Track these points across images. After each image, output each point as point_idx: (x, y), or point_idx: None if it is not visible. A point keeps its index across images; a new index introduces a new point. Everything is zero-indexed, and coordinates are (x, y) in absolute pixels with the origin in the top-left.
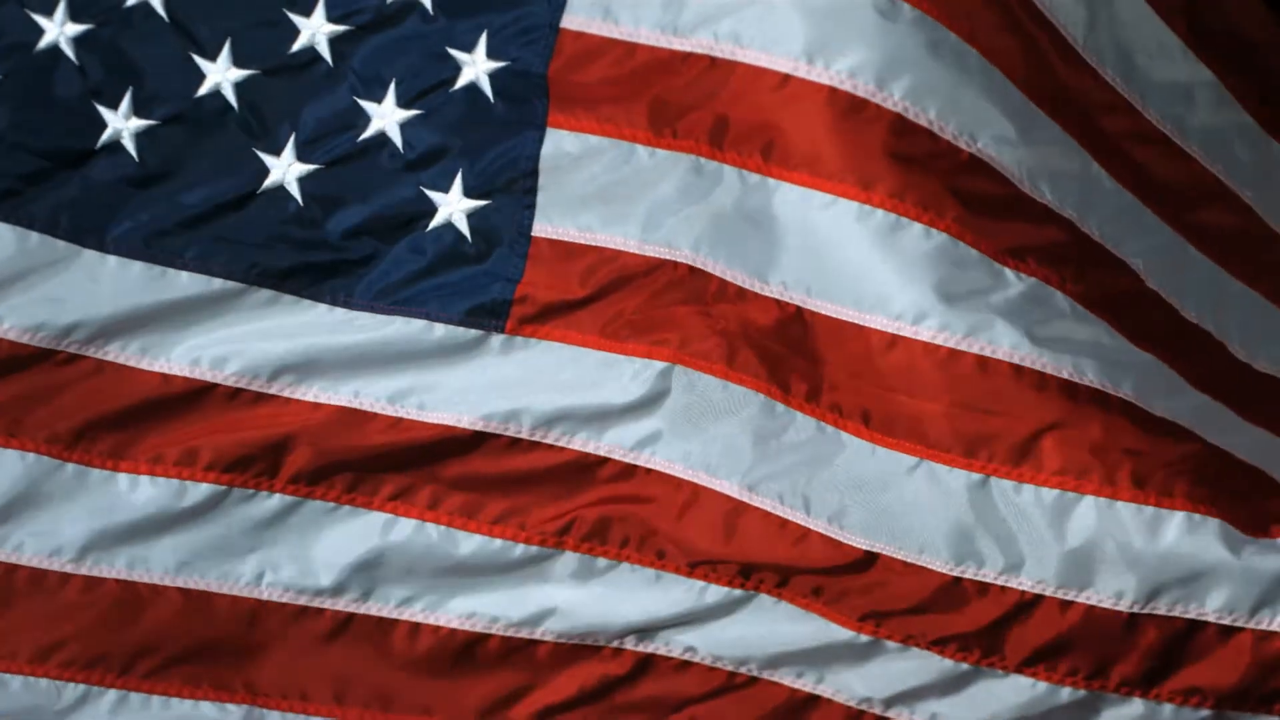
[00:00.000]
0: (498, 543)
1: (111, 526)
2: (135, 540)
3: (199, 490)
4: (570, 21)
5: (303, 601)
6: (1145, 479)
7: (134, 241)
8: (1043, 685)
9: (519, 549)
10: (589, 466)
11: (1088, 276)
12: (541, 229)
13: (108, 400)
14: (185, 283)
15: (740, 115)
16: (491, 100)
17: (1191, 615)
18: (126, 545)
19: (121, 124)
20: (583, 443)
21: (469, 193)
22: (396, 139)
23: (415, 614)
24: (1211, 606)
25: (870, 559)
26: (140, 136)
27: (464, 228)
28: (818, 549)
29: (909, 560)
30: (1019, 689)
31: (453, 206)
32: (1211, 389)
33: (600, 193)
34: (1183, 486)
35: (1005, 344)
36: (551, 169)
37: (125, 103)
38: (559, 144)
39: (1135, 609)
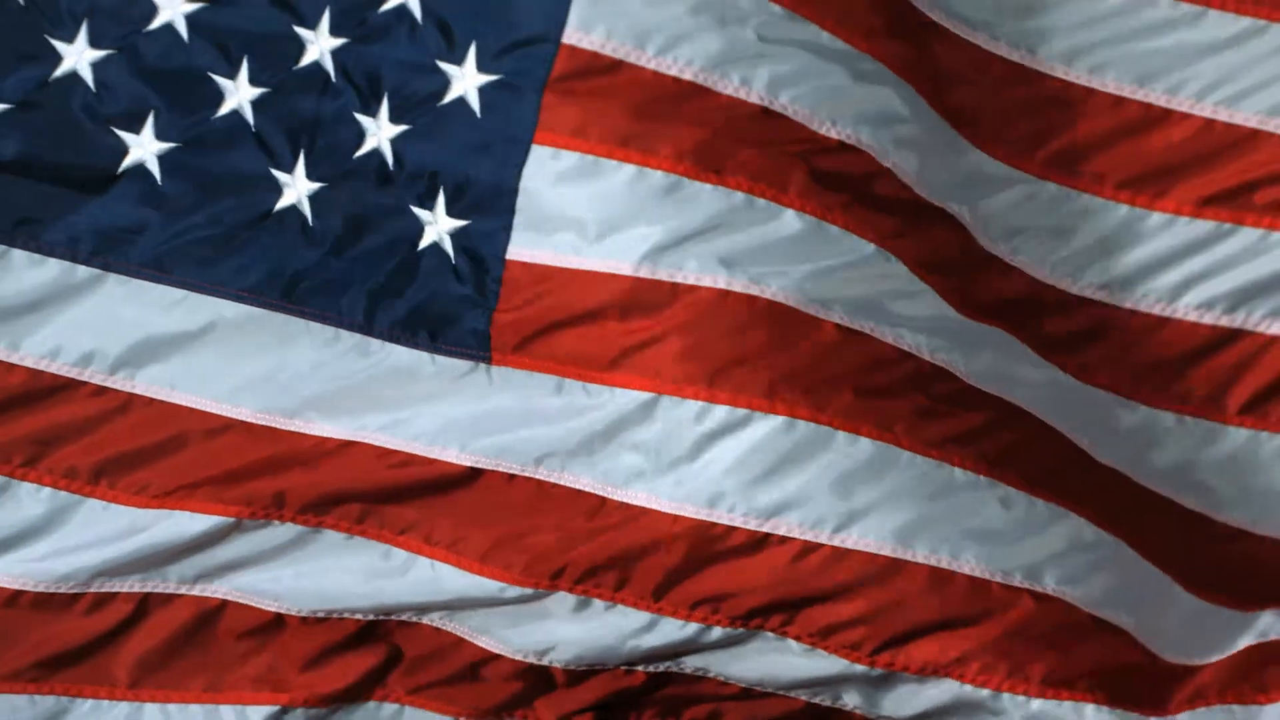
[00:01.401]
0: (493, 583)
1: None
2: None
3: (207, 520)
4: (570, 37)
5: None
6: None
7: (155, 264)
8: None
9: (513, 590)
10: (584, 501)
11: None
12: (517, 252)
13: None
14: (205, 308)
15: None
16: (478, 115)
17: None
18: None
19: (145, 148)
20: (574, 478)
21: (451, 212)
22: (388, 155)
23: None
24: None
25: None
26: (163, 160)
27: (449, 249)
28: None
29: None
30: None
31: (439, 226)
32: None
33: (580, 214)
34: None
35: None
36: (532, 189)
37: (148, 127)
38: (543, 162)
39: None
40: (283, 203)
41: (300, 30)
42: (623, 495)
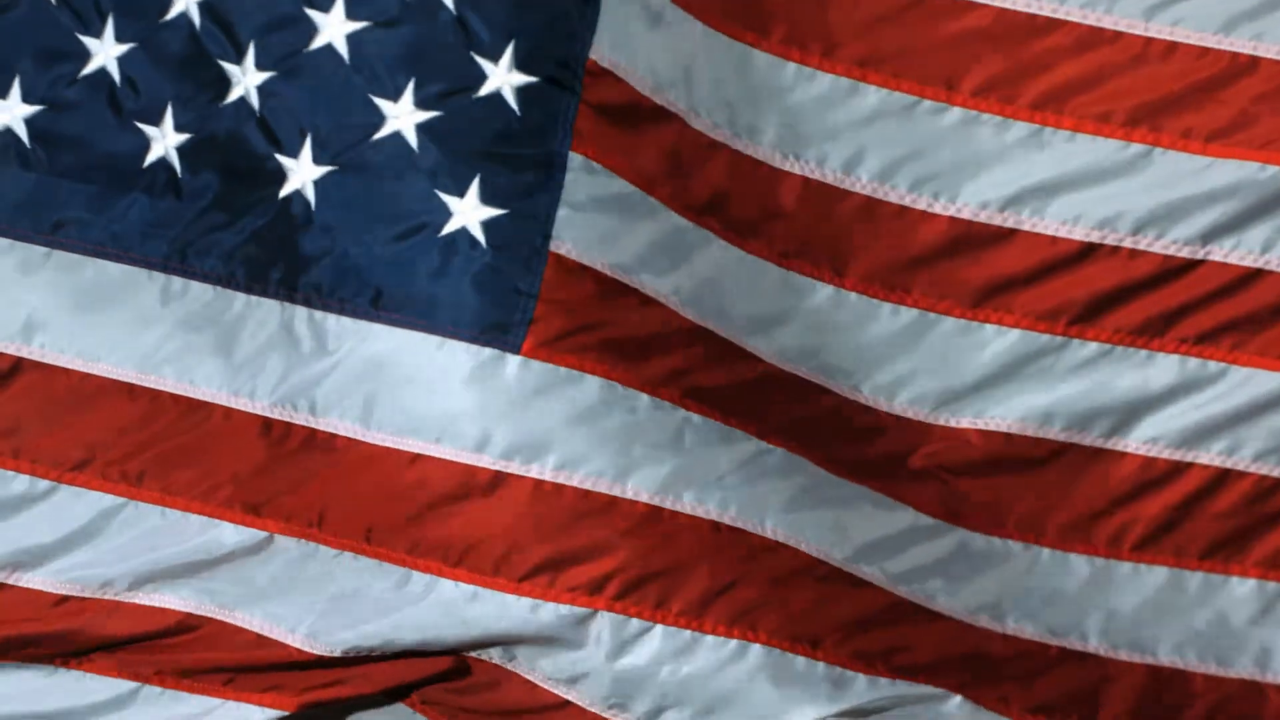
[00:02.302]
0: (526, 601)
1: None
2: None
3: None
4: (597, 54)
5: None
6: None
7: (172, 258)
8: None
9: (548, 607)
10: (615, 508)
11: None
12: (559, 245)
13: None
14: (208, 299)
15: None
16: (517, 112)
17: None
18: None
19: (164, 141)
20: (609, 484)
21: (486, 200)
22: (412, 140)
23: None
24: None
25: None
26: (181, 152)
27: (480, 235)
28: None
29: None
30: None
31: (468, 214)
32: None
33: (621, 226)
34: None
35: None
36: (575, 184)
37: (167, 119)
38: (586, 165)
39: None
40: (287, 189)
41: (311, 12)
42: (659, 501)
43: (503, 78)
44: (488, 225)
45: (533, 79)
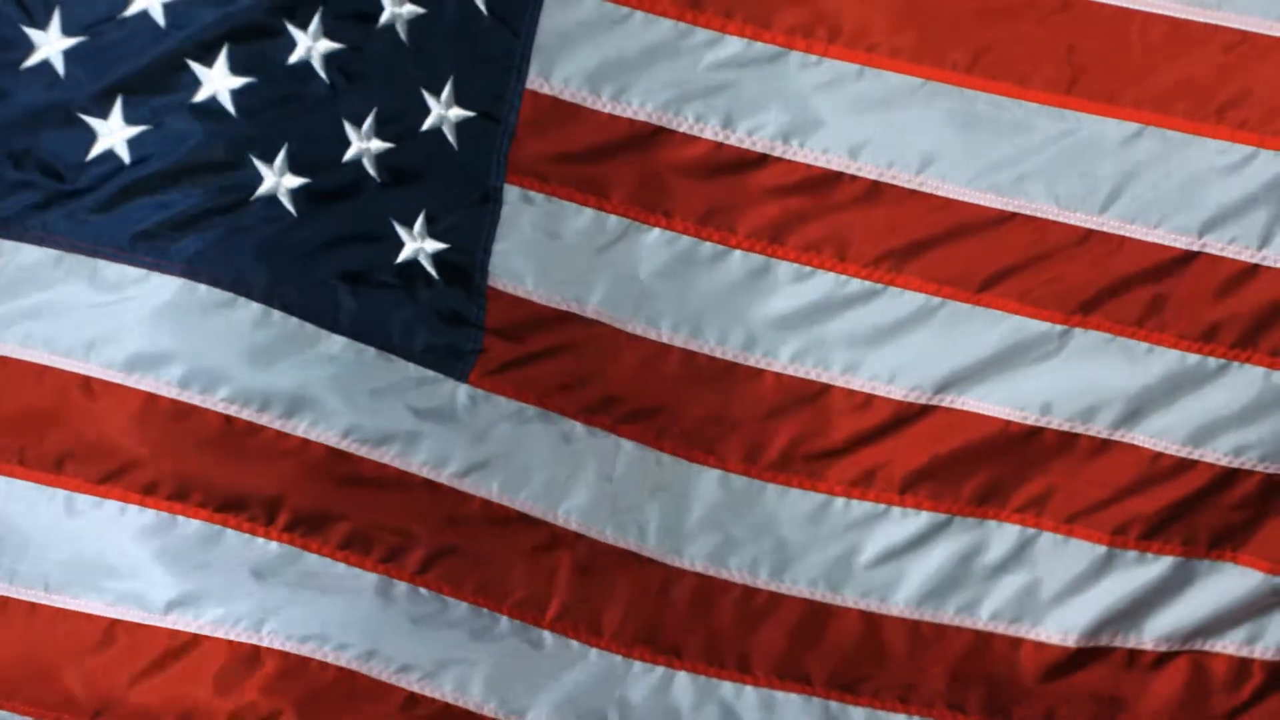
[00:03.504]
0: (484, 612)
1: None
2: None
3: (190, 525)
4: (535, 84)
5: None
6: None
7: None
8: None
9: (503, 620)
10: (557, 535)
11: None
12: (497, 281)
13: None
14: (171, 290)
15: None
16: (455, 147)
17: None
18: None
19: (114, 132)
20: (542, 511)
21: (432, 233)
22: (371, 169)
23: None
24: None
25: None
26: (132, 143)
27: (429, 267)
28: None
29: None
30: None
31: (418, 243)
32: None
33: (562, 252)
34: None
35: None
36: (512, 220)
37: (116, 110)
38: (522, 196)
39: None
40: (261, 190)
41: (291, 27)
42: (594, 535)
43: (443, 112)
44: (436, 257)
45: (470, 114)
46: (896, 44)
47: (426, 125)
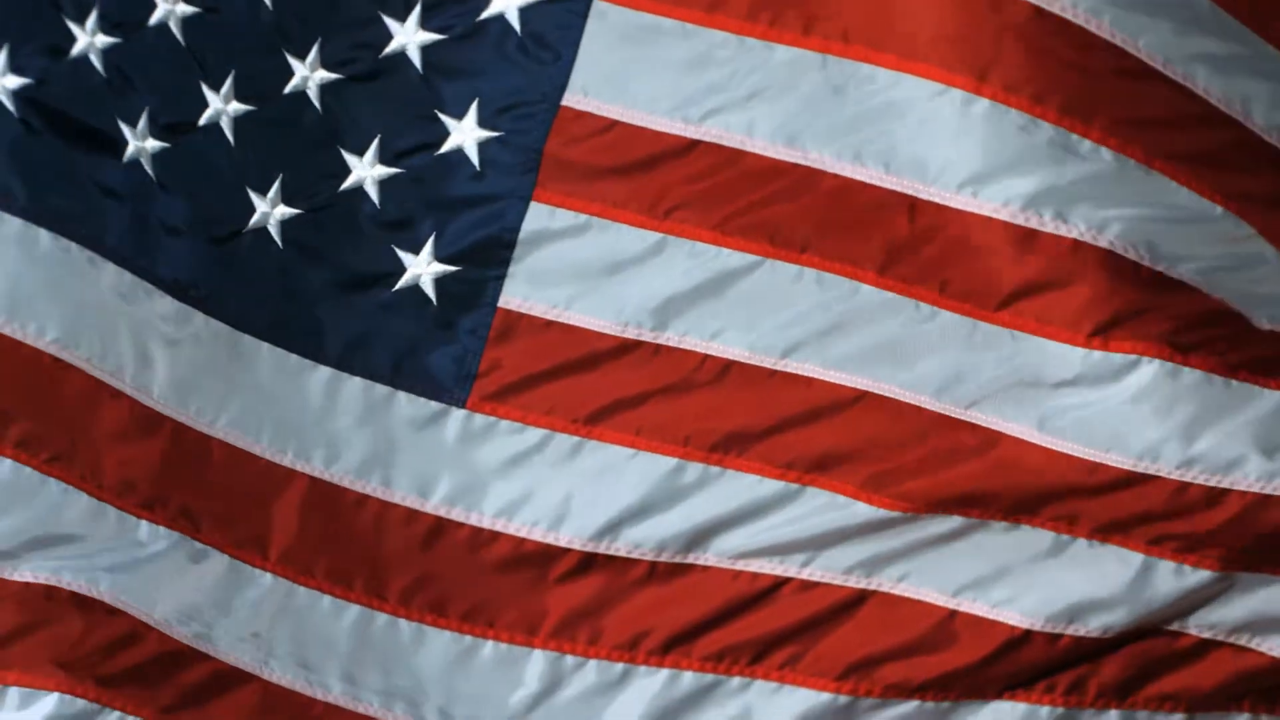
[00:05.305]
0: (467, 639)
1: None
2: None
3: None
4: (571, 100)
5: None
6: None
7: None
8: (1022, 707)
9: (488, 646)
10: (550, 557)
11: None
12: (509, 301)
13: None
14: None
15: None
16: (478, 168)
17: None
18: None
19: (139, 143)
20: (543, 533)
21: (440, 257)
22: (374, 195)
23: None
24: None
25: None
26: (155, 157)
27: (430, 292)
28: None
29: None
30: (999, 714)
31: (421, 269)
32: None
33: (578, 271)
34: None
35: None
36: (530, 242)
37: (142, 122)
38: (542, 219)
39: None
40: (254, 221)
41: (289, 57)
42: (592, 548)
43: (466, 135)
44: (440, 280)
45: (495, 134)
46: None
47: (445, 148)
